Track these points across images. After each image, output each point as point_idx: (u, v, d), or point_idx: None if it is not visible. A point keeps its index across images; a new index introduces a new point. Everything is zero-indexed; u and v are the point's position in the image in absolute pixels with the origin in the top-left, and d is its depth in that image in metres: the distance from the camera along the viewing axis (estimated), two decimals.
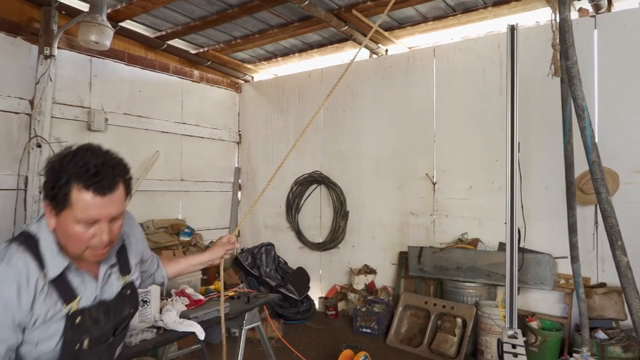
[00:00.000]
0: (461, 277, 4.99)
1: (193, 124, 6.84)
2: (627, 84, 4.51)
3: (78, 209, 1.40)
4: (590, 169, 2.31)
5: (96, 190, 1.40)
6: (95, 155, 1.44)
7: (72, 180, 1.38)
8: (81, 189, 1.39)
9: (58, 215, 1.42)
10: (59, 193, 1.39)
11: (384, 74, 6.13)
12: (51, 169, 1.42)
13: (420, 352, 4.80)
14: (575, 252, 3.42)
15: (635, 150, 4.44)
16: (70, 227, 1.42)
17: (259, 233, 7.30)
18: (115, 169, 1.48)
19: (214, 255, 2.25)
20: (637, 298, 2.14)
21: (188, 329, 2.88)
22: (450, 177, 5.56)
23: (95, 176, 1.39)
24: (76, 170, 1.38)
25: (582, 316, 3.43)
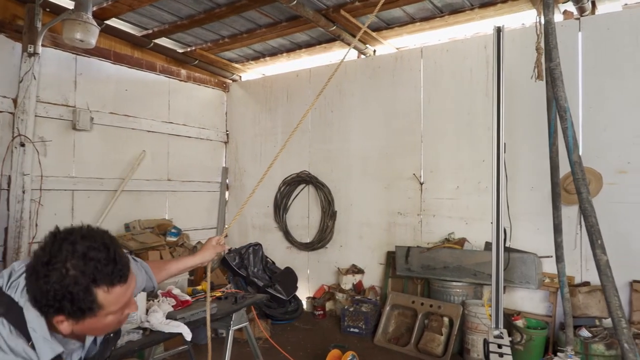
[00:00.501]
0: (448, 277, 5.03)
1: (180, 124, 6.79)
2: (611, 86, 4.58)
3: (110, 306, 1.32)
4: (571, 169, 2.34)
5: (121, 281, 1.33)
6: (97, 249, 1.30)
7: (93, 287, 1.27)
8: (107, 289, 1.30)
9: (81, 321, 1.32)
10: (83, 307, 1.28)
11: (372, 74, 6.15)
12: (59, 291, 1.24)
13: (408, 351, 4.83)
14: (560, 252, 3.47)
15: (618, 151, 4.52)
16: (101, 322, 1.35)
17: (247, 233, 7.28)
18: (118, 248, 1.36)
19: (204, 258, 2.24)
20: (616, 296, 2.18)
21: (175, 329, 2.86)
22: (437, 177, 5.59)
23: (112, 272, 1.30)
24: (93, 277, 1.27)
25: (566, 316, 3.47)
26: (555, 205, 3.42)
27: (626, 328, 2.14)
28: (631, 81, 4.47)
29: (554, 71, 2.43)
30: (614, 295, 2.18)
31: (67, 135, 5.39)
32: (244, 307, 3.56)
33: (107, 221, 5.65)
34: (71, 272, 1.24)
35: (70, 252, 1.26)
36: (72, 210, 5.41)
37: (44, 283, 1.24)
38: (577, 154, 2.35)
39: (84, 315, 1.30)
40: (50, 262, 1.25)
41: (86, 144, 5.56)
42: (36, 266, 1.26)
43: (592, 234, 2.24)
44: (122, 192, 5.83)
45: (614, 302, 2.18)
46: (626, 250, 4.37)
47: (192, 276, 5.35)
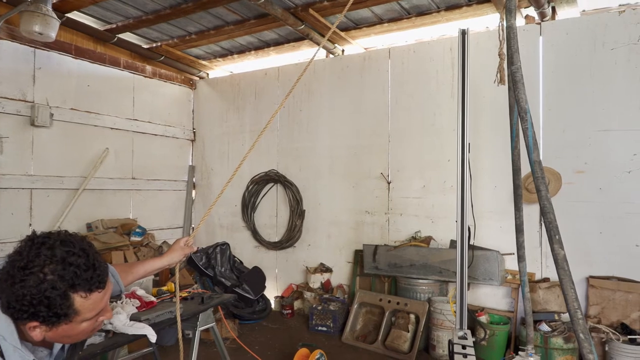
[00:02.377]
0: (414, 274, 5.11)
1: (145, 121, 6.64)
2: (570, 89, 4.75)
3: (86, 312, 1.31)
4: (531, 169, 2.41)
5: (99, 287, 1.33)
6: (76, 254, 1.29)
7: (70, 293, 1.26)
8: (85, 295, 1.30)
9: (55, 327, 1.30)
10: (59, 312, 1.26)
11: (341, 74, 6.18)
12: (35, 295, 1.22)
13: (375, 348, 4.88)
14: (522, 252, 3.57)
15: (576, 152, 4.69)
16: (75, 329, 1.33)
17: (214, 232, 7.19)
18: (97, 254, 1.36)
19: (171, 260, 2.20)
20: (572, 288, 2.26)
21: (139, 331, 2.79)
22: (404, 177, 5.67)
23: (90, 278, 1.30)
24: (72, 283, 1.26)
25: (527, 315, 3.58)
26: (517, 206, 3.52)
27: (582, 319, 2.22)
28: (588, 84, 4.66)
29: (515, 74, 2.50)
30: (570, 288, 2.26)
31: (25, 131, 5.18)
32: (210, 307, 3.51)
33: (68, 221, 5.48)
34: (49, 276, 1.23)
35: (48, 256, 1.24)
36: (30, 210, 5.21)
37: (20, 287, 1.21)
38: (537, 154, 2.42)
39: (59, 321, 1.28)
40: (28, 266, 1.23)
41: (46, 140, 5.37)
42: (12, 270, 1.24)
43: (551, 229, 2.31)
44: (84, 190, 5.66)
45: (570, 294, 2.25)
46: (583, 247, 4.55)
47: (158, 277, 5.25)
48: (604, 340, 4.15)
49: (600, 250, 4.55)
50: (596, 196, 4.61)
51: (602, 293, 4.39)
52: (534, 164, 2.43)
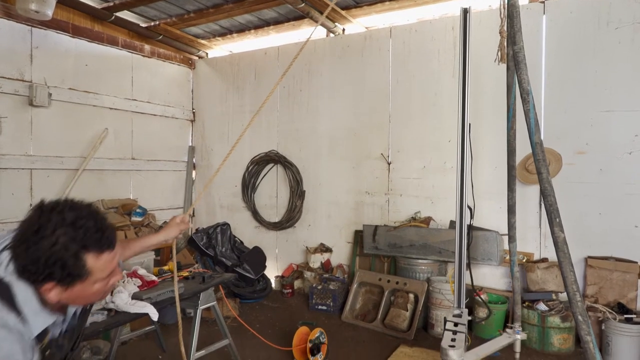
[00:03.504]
0: (414, 255, 5.14)
1: (144, 101, 6.60)
2: (572, 69, 4.71)
3: (98, 272, 1.39)
4: (532, 151, 2.40)
5: (109, 248, 1.40)
6: (85, 217, 1.35)
7: (82, 253, 1.33)
8: (96, 255, 1.36)
9: (70, 288, 1.37)
10: (73, 272, 1.33)
11: (341, 54, 6.11)
12: (50, 257, 1.29)
13: (374, 327, 4.94)
14: (513, 232, 3.58)
15: (577, 133, 4.68)
16: (88, 290, 1.40)
17: (215, 213, 7.21)
18: (105, 218, 1.43)
19: (167, 236, 2.26)
20: (571, 271, 2.27)
21: (141, 310, 2.83)
22: (404, 157, 5.66)
23: (100, 239, 1.37)
24: (83, 244, 1.33)
25: (515, 294, 3.60)
26: (510, 187, 3.52)
27: (580, 301, 2.24)
28: (591, 64, 4.61)
29: (518, 54, 2.47)
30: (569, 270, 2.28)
31: (24, 111, 5.15)
32: (211, 286, 3.55)
33: None
34: (61, 239, 1.29)
35: (59, 220, 1.31)
36: (30, 190, 5.21)
37: (34, 251, 1.28)
38: (539, 136, 2.41)
39: (74, 281, 1.35)
40: (40, 230, 1.29)
41: (44, 120, 5.34)
42: (25, 235, 1.30)
43: (551, 212, 2.32)
44: (84, 171, 5.66)
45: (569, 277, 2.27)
46: (582, 228, 4.57)
47: (159, 256, 5.28)
48: (600, 319, 4.20)
49: (599, 231, 4.58)
50: (596, 177, 4.61)
51: (600, 273, 4.42)
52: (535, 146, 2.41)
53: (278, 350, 4.16)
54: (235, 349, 3.83)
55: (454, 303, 3.41)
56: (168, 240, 2.28)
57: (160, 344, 4.26)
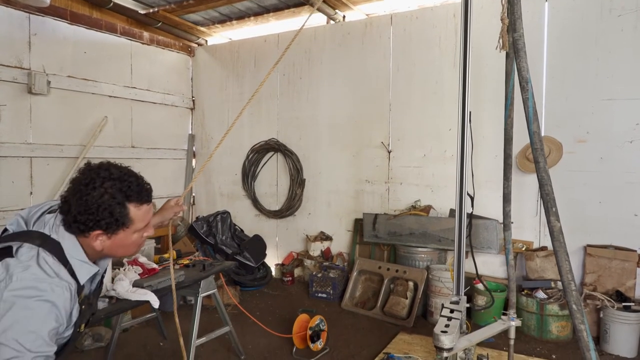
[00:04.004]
0: (413, 243, 5.16)
1: (144, 89, 6.56)
2: (574, 56, 4.67)
3: (138, 222, 1.62)
4: (530, 140, 2.40)
5: (147, 201, 1.65)
6: (128, 174, 1.61)
7: (126, 203, 1.56)
8: (137, 205, 1.60)
9: (114, 235, 1.59)
10: (119, 219, 1.55)
11: (341, 41, 6.07)
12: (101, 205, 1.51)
13: (374, 314, 4.97)
14: (508, 221, 3.58)
15: (578, 121, 4.66)
16: (129, 239, 1.63)
17: (215, 201, 7.22)
18: (142, 178, 1.67)
19: (163, 218, 2.37)
20: (567, 260, 2.29)
21: (142, 297, 2.85)
22: (404, 146, 5.65)
23: (141, 192, 1.61)
24: (127, 194, 1.56)
25: (510, 281, 3.62)
26: (506, 175, 3.51)
27: (575, 291, 2.26)
28: (593, 52, 4.58)
29: (518, 42, 2.45)
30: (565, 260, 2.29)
31: (23, 99, 5.13)
32: (212, 274, 3.57)
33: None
34: (109, 190, 1.53)
35: (107, 175, 1.54)
36: (30, 178, 5.22)
37: (86, 200, 1.50)
38: (537, 125, 2.40)
39: (118, 228, 1.57)
40: (90, 183, 1.52)
41: (43, 108, 5.32)
42: (77, 187, 1.52)
43: (547, 202, 2.32)
44: (84, 159, 5.65)
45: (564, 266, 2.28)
46: (582, 216, 4.57)
47: (159, 244, 5.30)
48: (599, 307, 4.23)
49: (599, 219, 4.58)
50: (597, 165, 4.60)
51: (598, 261, 4.44)
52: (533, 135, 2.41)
53: (278, 337, 4.19)
54: (235, 336, 3.86)
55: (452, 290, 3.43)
56: (164, 223, 2.38)
57: (162, 331, 4.29)
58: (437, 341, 2.98)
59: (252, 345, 4.20)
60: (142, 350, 4.09)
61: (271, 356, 3.99)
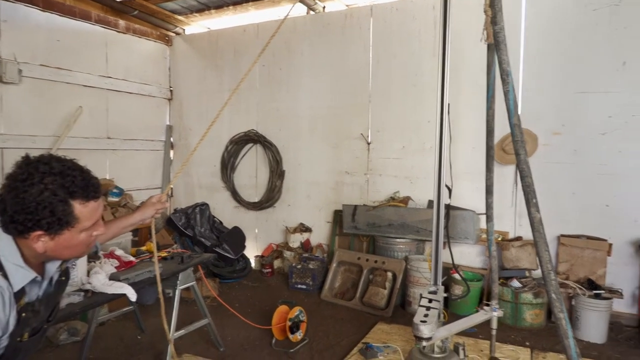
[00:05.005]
0: (392, 234, 5.21)
1: (120, 78, 6.43)
2: (549, 50, 4.75)
3: (85, 220, 1.46)
4: (511, 132, 2.43)
5: (94, 197, 1.48)
6: (71, 168, 1.45)
7: (70, 200, 1.41)
8: (82, 202, 1.44)
9: (57, 236, 1.43)
10: (62, 218, 1.40)
11: (322, 32, 6.04)
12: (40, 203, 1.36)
13: (353, 305, 5.01)
14: (490, 212, 3.64)
15: (553, 114, 4.75)
16: (75, 239, 1.47)
17: (193, 193, 7.15)
18: (89, 170, 1.52)
19: (144, 215, 2.23)
20: (546, 251, 2.34)
21: (118, 291, 2.81)
22: (384, 137, 5.68)
23: (87, 187, 1.45)
24: (71, 190, 1.41)
25: (492, 272, 3.69)
26: (488, 167, 3.56)
27: (554, 280, 2.31)
28: (569, 45, 4.66)
29: (498, 34, 2.48)
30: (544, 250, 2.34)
31: None
32: (190, 266, 3.54)
33: None
34: (50, 186, 1.37)
35: (47, 170, 1.39)
36: (2, 170, 5.07)
37: (23, 197, 1.35)
38: (517, 117, 2.44)
39: (62, 228, 1.42)
40: (29, 178, 1.37)
41: (15, 98, 5.16)
42: (14, 184, 1.37)
43: (528, 193, 2.36)
44: (58, 150, 5.52)
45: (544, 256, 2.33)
46: (556, 207, 4.67)
47: (136, 237, 5.23)
48: (571, 295, 4.34)
49: (572, 210, 4.69)
50: (571, 157, 4.70)
51: (571, 251, 4.55)
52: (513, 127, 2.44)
53: (258, 328, 4.19)
54: (214, 328, 3.85)
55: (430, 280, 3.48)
56: (145, 220, 2.24)
57: (139, 325, 4.25)
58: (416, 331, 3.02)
59: (232, 337, 4.19)
60: (120, 344, 4.05)
61: (250, 348, 3.99)
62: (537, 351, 3.87)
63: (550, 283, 2.31)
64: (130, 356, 3.82)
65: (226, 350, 3.92)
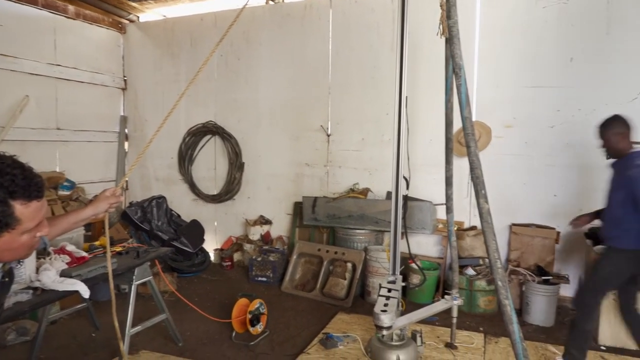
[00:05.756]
0: (352, 225, 5.26)
1: (70, 67, 6.15)
2: (503, 45, 4.90)
3: (27, 221, 1.37)
4: (462, 124, 2.50)
5: (37, 197, 1.38)
6: (11, 166, 1.34)
7: (10, 200, 1.32)
8: (24, 203, 1.35)
9: None
10: (1, 220, 1.32)
11: (281, 23, 5.98)
12: None
13: (314, 296, 5.04)
14: (450, 204, 3.74)
15: (506, 107, 4.92)
16: (16, 241, 1.39)
17: (150, 186, 6.97)
18: (31, 168, 1.41)
19: (97, 210, 2.11)
20: (494, 240, 2.43)
21: (70, 287, 2.71)
22: (344, 130, 5.71)
23: (29, 186, 1.35)
24: (11, 190, 1.31)
25: (453, 262, 3.81)
26: (447, 159, 3.65)
27: (501, 268, 2.41)
28: (521, 41, 4.83)
29: (452, 28, 2.53)
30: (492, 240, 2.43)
31: None
32: (146, 261, 3.46)
33: None
34: None
35: None
36: None
37: None
38: (469, 110, 2.50)
39: (1, 230, 1.33)
40: None
41: None
42: None
43: (477, 184, 2.44)
44: (3, 141, 5.23)
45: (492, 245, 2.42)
46: (508, 197, 4.86)
47: (89, 232, 5.06)
48: (521, 281, 4.54)
49: (523, 200, 4.89)
50: (522, 149, 4.89)
51: (522, 239, 4.75)
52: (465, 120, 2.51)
53: (217, 322, 4.15)
54: (172, 323, 3.78)
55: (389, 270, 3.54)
56: (98, 215, 2.14)
57: (94, 322, 4.12)
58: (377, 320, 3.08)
59: (191, 331, 4.13)
60: (73, 342, 3.91)
61: (210, 342, 3.95)
62: (490, 336, 4.02)
63: (497, 271, 2.40)
64: (84, 355, 3.70)
65: (185, 345, 3.86)
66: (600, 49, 4.56)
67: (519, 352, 2.37)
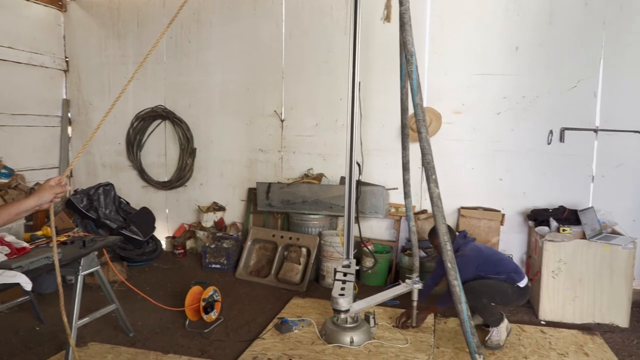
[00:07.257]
0: (306, 210, 5.28)
1: (5, 46, 5.74)
2: (453, 32, 5.01)
3: None
4: (414, 111, 2.55)
5: None
6: None
7: None
8: None
9: None
10: None
11: (232, 4, 5.83)
12: None
13: (268, 282, 5.05)
14: (408, 189, 3.83)
15: (455, 94, 5.05)
16: None
17: (96, 173, 6.68)
18: None
19: (41, 200, 2.00)
20: (444, 223, 2.52)
21: (10, 280, 2.58)
22: (297, 115, 5.68)
23: None
24: None
25: (413, 247, 3.91)
26: (403, 145, 3.72)
27: (450, 250, 2.50)
28: (471, 29, 4.95)
29: (404, 15, 2.55)
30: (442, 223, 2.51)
31: None
32: (93, 250, 3.33)
33: None
34: None
35: None
36: None
37: None
38: (420, 97, 2.55)
39: None
40: None
41: None
42: None
43: (428, 169, 2.50)
44: None
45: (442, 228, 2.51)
46: (457, 181, 5.02)
47: (31, 221, 4.81)
48: None
49: (471, 183, 5.07)
50: (470, 135, 5.05)
51: (469, 221, 4.93)
52: (416, 106, 2.56)
53: (170, 311, 4.08)
54: (123, 314, 3.68)
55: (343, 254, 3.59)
56: (42, 206, 2.02)
57: (37, 315, 3.94)
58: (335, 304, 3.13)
59: (142, 321, 4.04)
60: (14, 337, 3.73)
61: (163, 331, 3.87)
62: (440, 317, 4.17)
63: (446, 253, 2.49)
64: (28, 349, 3.54)
65: (137, 335, 3.77)
66: (543, 39, 4.75)
67: (467, 329, 2.48)
